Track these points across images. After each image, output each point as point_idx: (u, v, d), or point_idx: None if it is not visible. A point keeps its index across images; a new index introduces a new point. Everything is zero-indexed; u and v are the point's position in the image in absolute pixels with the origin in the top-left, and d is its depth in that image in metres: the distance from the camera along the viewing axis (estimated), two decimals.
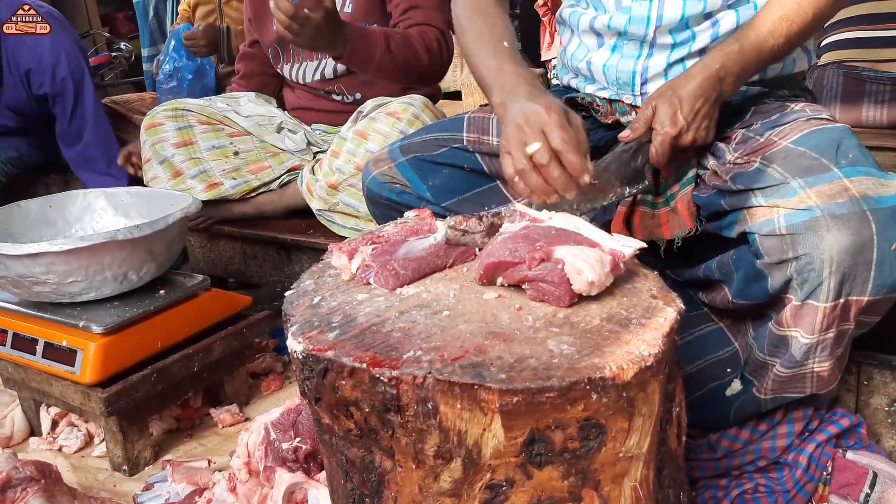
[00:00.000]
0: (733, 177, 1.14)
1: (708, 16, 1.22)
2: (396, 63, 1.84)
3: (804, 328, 1.05)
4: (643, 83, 1.27)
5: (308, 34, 1.66)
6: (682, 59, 1.25)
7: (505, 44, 1.19)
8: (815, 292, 1.02)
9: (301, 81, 2.15)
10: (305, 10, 1.63)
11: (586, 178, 1.01)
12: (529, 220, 0.99)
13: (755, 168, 1.13)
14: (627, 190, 1.18)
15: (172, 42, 3.16)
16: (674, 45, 1.24)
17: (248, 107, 2.20)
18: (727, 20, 1.22)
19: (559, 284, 0.87)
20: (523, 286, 0.91)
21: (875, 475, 1.20)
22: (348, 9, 2.00)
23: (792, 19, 1.14)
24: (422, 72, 1.91)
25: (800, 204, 1.03)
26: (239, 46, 2.47)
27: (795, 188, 1.05)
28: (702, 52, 1.24)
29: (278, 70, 2.21)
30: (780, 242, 1.04)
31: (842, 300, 1.01)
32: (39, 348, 1.51)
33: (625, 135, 1.16)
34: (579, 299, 0.89)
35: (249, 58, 2.32)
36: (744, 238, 1.13)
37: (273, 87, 2.36)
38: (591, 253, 0.89)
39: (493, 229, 1.00)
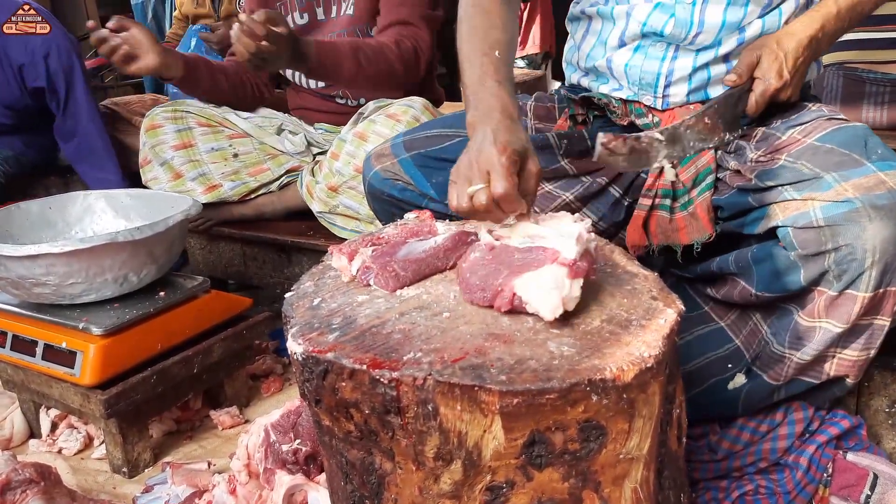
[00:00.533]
0: (759, 174, 1.15)
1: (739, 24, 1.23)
2: (368, 77, 1.83)
3: (838, 318, 1.06)
4: (667, 85, 1.27)
5: (269, 64, 1.68)
6: (706, 64, 1.25)
7: (496, 53, 1.11)
8: (856, 282, 1.03)
9: (304, 85, 2.15)
10: (265, 45, 1.62)
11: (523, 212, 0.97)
12: (495, 237, 0.97)
13: (781, 165, 1.13)
14: (727, 136, 1.20)
15: (192, 42, 3.09)
16: (699, 49, 1.24)
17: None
18: (753, 27, 1.23)
19: (536, 314, 0.86)
20: None
21: (875, 477, 1.20)
22: (350, 10, 1.99)
23: None
24: (397, 82, 1.89)
25: (837, 196, 1.04)
26: None
27: (830, 182, 1.06)
28: (726, 57, 1.25)
29: (281, 71, 2.20)
30: (818, 234, 1.05)
31: (881, 290, 1.03)
32: (39, 350, 1.51)
33: (731, 78, 1.18)
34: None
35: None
36: (765, 234, 1.13)
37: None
38: (546, 280, 0.84)
39: (634, 153, 1.00)
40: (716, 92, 1.27)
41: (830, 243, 1.03)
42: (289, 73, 2.15)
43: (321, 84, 2.11)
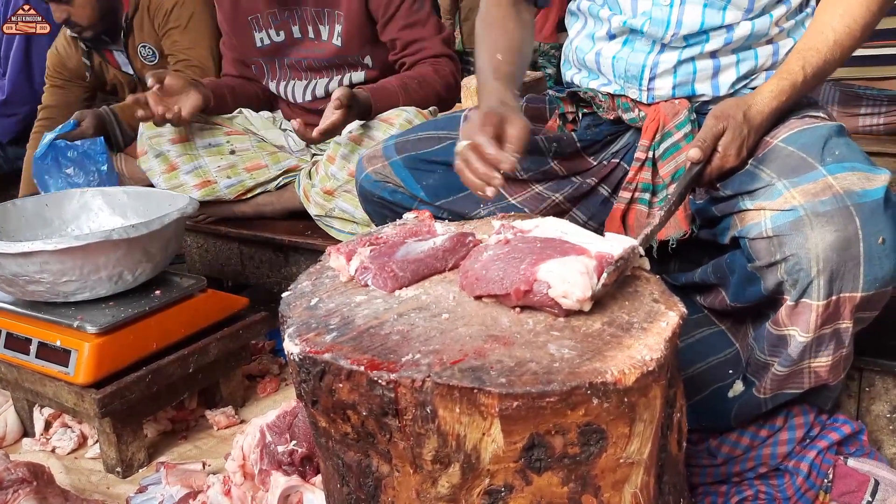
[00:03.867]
0: (724, 183, 1.15)
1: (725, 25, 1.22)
2: (415, 103, 1.93)
3: (800, 326, 1.05)
4: (651, 78, 1.26)
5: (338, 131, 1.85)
6: (692, 58, 1.24)
7: (498, 56, 1.27)
8: (807, 291, 1.02)
9: (292, 100, 2.14)
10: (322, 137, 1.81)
11: (506, 166, 1.06)
12: (513, 232, 0.97)
13: (747, 170, 1.13)
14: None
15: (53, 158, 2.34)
16: (686, 45, 1.24)
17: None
18: (742, 28, 1.22)
19: (552, 307, 0.85)
20: None
21: (876, 483, 1.19)
22: (337, 41, 1.99)
23: (843, 43, 1.15)
24: (437, 103, 2.01)
25: (784, 204, 1.03)
26: (133, 125, 2.34)
27: (780, 189, 1.05)
28: (714, 53, 1.23)
29: (264, 83, 2.19)
30: (769, 245, 1.04)
31: (834, 297, 1.02)
32: (33, 348, 1.50)
33: (695, 156, 1.10)
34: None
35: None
36: (737, 242, 1.13)
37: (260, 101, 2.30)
38: (575, 266, 0.84)
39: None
40: (703, 88, 1.26)
41: (779, 254, 1.03)
42: (281, 88, 2.14)
43: (308, 98, 2.12)
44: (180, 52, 2.39)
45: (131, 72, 2.56)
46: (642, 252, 0.96)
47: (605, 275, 0.86)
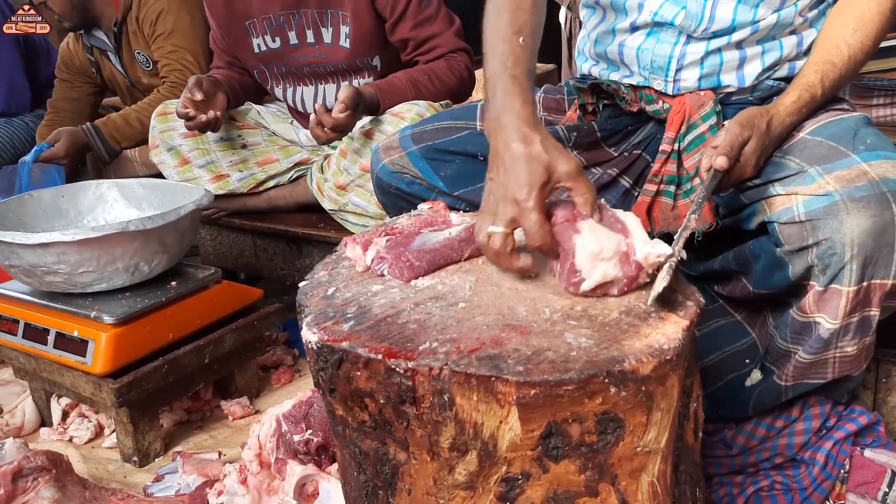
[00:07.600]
0: None
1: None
2: (426, 98, 1.90)
3: (828, 313, 1.05)
4: (678, 69, 1.25)
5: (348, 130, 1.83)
6: (719, 49, 1.23)
7: (520, 40, 1.06)
8: (839, 276, 1.01)
9: (301, 109, 2.11)
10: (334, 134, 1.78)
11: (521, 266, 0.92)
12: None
13: (773, 161, 1.13)
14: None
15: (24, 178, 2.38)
16: (713, 36, 1.23)
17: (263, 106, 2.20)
18: (769, 20, 1.21)
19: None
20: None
21: (893, 473, 1.19)
22: (345, 43, 1.96)
23: (856, 58, 1.16)
24: (450, 97, 1.98)
25: (818, 190, 1.03)
26: (116, 138, 2.40)
27: (814, 175, 1.05)
28: (739, 44, 1.23)
29: (267, 89, 2.16)
30: (800, 229, 1.04)
31: (865, 283, 1.01)
32: (51, 338, 1.51)
33: (721, 164, 1.07)
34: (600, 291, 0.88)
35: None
36: (761, 229, 1.12)
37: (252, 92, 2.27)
38: (612, 235, 0.88)
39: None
40: (728, 79, 1.25)
41: (811, 238, 1.02)
42: (289, 96, 2.11)
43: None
44: (164, 56, 2.44)
45: (125, 74, 2.61)
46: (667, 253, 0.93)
47: (665, 276, 0.86)
